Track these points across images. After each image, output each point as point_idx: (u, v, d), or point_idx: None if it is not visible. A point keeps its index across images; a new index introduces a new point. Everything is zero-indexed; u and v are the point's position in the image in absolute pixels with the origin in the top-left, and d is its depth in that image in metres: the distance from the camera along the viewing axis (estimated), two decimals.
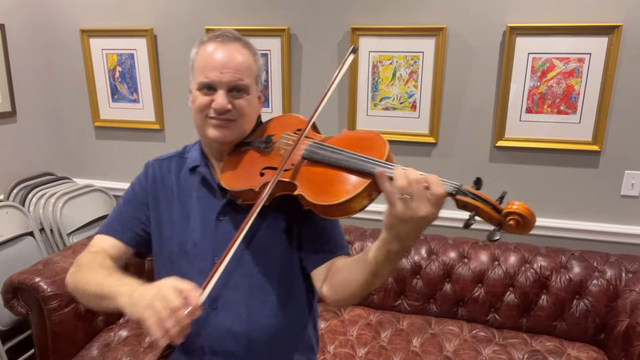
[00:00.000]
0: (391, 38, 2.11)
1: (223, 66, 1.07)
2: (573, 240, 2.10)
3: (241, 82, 1.08)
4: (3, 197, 2.45)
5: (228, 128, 1.10)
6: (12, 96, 2.47)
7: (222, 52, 1.08)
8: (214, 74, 1.06)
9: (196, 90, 1.10)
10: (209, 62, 1.07)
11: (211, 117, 1.09)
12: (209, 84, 1.07)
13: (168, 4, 2.38)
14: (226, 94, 1.07)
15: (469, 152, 2.16)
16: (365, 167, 0.91)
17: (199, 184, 1.17)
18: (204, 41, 1.12)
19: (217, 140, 1.11)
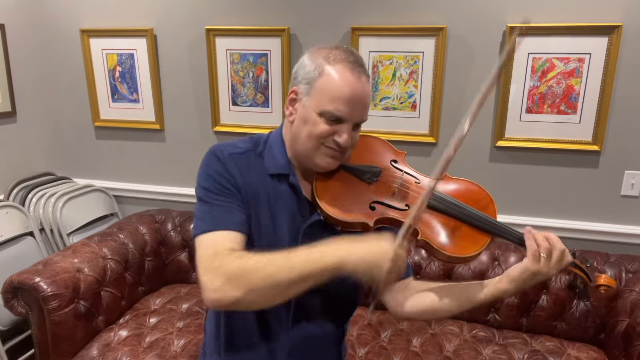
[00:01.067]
0: (391, 38, 2.11)
1: (359, 101, 1.02)
2: (573, 240, 2.10)
3: (365, 118, 1.06)
4: (3, 197, 2.45)
5: (340, 159, 1.08)
6: (12, 96, 2.47)
7: (358, 88, 1.01)
8: (348, 110, 1.00)
9: (317, 115, 1.01)
10: (344, 95, 1.00)
11: (329, 147, 1.04)
12: (339, 117, 1.01)
13: (168, 4, 2.38)
14: (351, 130, 1.04)
15: (469, 152, 2.16)
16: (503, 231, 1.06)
17: (286, 192, 1.09)
18: (333, 60, 1.02)
19: (326, 168, 1.08)
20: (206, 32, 2.31)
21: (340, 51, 1.03)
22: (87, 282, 1.89)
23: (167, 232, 2.37)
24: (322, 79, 1.00)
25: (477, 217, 1.06)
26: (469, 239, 1.04)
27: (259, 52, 2.29)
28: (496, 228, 1.06)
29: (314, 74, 1.01)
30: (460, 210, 1.08)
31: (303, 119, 1.04)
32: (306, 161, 1.08)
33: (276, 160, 1.10)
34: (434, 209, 1.08)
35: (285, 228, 1.08)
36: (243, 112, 2.40)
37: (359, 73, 1.01)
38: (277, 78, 2.30)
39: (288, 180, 1.09)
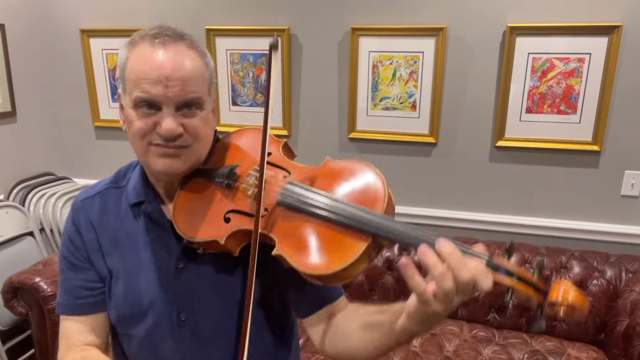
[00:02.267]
0: (391, 38, 2.11)
1: (167, 77, 0.79)
2: (573, 240, 2.10)
3: (193, 95, 0.82)
4: (3, 197, 2.45)
5: (180, 157, 0.84)
6: (12, 96, 2.47)
7: (164, 57, 0.79)
8: (157, 88, 0.79)
9: (130, 108, 0.82)
10: (148, 72, 0.79)
11: (156, 144, 0.82)
12: (149, 100, 0.79)
13: (168, 4, 2.38)
14: (175, 114, 0.81)
15: (469, 152, 2.16)
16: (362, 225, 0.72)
17: (146, 224, 0.92)
18: (135, 40, 0.83)
19: (165, 172, 0.85)
20: (206, 32, 2.31)
21: (147, 29, 0.84)
22: None
23: None
24: (127, 67, 0.82)
25: (349, 213, 0.73)
26: (339, 246, 0.73)
27: (259, 52, 2.29)
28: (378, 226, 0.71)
29: (123, 64, 0.83)
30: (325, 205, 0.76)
31: (127, 121, 0.85)
32: (148, 170, 0.91)
33: (134, 187, 0.94)
34: (292, 209, 0.79)
35: (150, 268, 0.91)
36: (243, 112, 2.40)
37: (162, 43, 0.80)
38: (277, 78, 2.30)
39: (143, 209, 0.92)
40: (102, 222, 0.95)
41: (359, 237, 0.72)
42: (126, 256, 0.93)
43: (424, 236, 0.71)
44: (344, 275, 0.72)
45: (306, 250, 0.75)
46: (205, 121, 0.86)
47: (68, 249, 0.97)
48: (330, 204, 0.76)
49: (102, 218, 0.95)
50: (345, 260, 0.71)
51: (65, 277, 0.97)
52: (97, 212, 0.96)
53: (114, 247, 0.94)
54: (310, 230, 0.76)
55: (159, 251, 0.91)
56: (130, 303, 0.92)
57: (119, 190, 0.97)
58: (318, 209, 0.76)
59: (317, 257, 0.74)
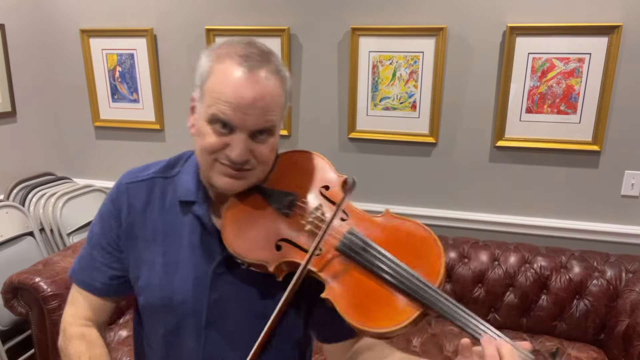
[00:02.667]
0: (391, 38, 2.11)
1: (248, 106, 0.79)
2: (573, 240, 2.10)
3: (268, 124, 0.83)
4: (3, 197, 2.45)
5: (242, 179, 0.86)
6: (12, 96, 2.47)
7: (249, 87, 0.79)
8: (236, 114, 0.79)
9: (205, 121, 0.83)
10: (230, 96, 0.79)
11: (223, 163, 0.84)
12: (226, 122, 0.81)
13: (168, 4, 2.38)
14: (246, 140, 0.82)
15: (469, 152, 2.16)
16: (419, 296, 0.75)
17: (192, 223, 0.93)
18: (221, 55, 0.83)
19: (226, 190, 0.88)
20: (206, 32, 2.31)
21: (235, 44, 0.84)
22: None
23: None
24: (209, 80, 0.82)
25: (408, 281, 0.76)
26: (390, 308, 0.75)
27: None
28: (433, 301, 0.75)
29: (205, 75, 0.84)
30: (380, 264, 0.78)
31: (198, 130, 0.86)
32: (208, 182, 0.91)
33: (186, 185, 0.94)
34: (351, 258, 0.81)
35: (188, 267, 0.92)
36: None
37: (250, 68, 0.80)
38: None
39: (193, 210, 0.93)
40: (146, 211, 0.95)
41: (412, 305, 0.74)
42: (167, 249, 0.93)
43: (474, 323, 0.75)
44: (388, 336, 0.75)
45: (356, 302, 0.77)
46: (273, 146, 0.87)
47: (102, 228, 0.98)
48: (391, 265, 0.78)
49: (146, 207, 0.95)
50: (395, 324, 0.73)
51: (89, 252, 0.99)
52: (142, 200, 0.96)
53: (154, 237, 0.94)
54: (365, 283, 0.78)
55: (201, 253, 0.92)
56: (162, 295, 0.93)
57: (167, 180, 0.97)
58: (377, 268, 0.78)
59: (367, 312, 0.76)
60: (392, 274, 0.77)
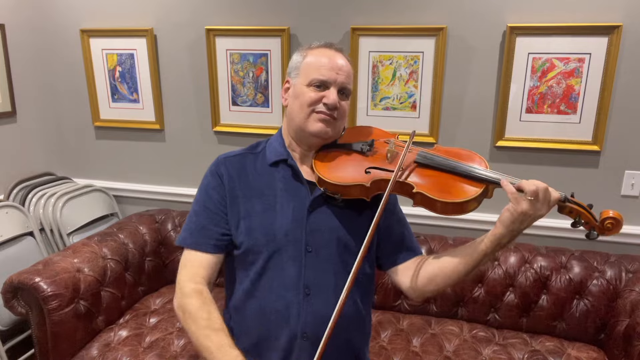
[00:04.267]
0: (391, 38, 2.11)
1: (339, 68, 1.19)
2: (573, 240, 2.10)
3: (349, 85, 1.22)
4: (3, 197, 2.45)
5: (331, 124, 1.20)
6: (12, 96, 2.47)
7: (337, 57, 1.21)
8: (331, 73, 1.18)
9: (305, 86, 1.19)
10: (326, 63, 1.19)
11: (319, 111, 1.18)
12: (324, 81, 1.18)
13: (168, 4, 2.38)
14: (336, 93, 1.18)
15: None
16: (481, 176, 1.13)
17: (283, 176, 1.23)
18: (312, 48, 1.24)
19: (319, 134, 1.20)
20: (206, 32, 2.31)
21: (322, 42, 1.26)
22: (87, 282, 1.89)
23: (167, 232, 2.37)
24: (306, 61, 1.22)
25: (466, 168, 1.15)
26: (462, 187, 1.12)
27: (259, 52, 2.29)
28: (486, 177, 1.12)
29: (300, 60, 1.23)
30: (449, 163, 1.17)
31: (295, 95, 1.21)
32: (302, 134, 1.22)
33: (275, 150, 1.26)
34: (425, 165, 1.19)
35: (286, 207, 1.20)
36: (243, 112, 2.40)
37: (335, 50, 1.23)
38: (277, 78, 2.30)
39: (287, 164, 1.24)
40: (242, 175, 1.24)
41: (476, 184, 1.13)
42: (264, 200, 1.21)
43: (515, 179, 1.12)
44: (464, 207, 1.10)
45: (441, 188, 1.12)
46: (347, 107, 1.25)
47: (207, 194, 1.24)
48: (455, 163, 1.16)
49: (241, 172, 1.24)
50: (470, 195, 1.10)
51: (197, 218, 1.23)
52: (238, 168, 1.25)
53: (252, 194, 1.22)
54: (443, 177, 1.16)
55: (294, 197, 1.21)
56: (266, 232, 1.18)
57: (255, 155, 1.28)
58: (447, 166, 1.16)
59: (450, 192, 1.11)
60: (459, 167, 1.15)
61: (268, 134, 2.33)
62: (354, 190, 1.16)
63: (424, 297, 1.26)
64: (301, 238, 1.18)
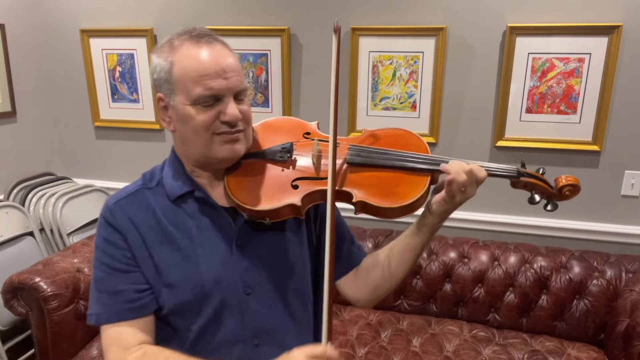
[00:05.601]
0: (391, 38, 2.11)
1: (224, 70, 0.89)
2: (573, 240, 2.10)
3: (244, 85, 0.94)
4: (3, 197, 2.45)
5: (240, 141, 0.94)
6: (12, 96, 2.47)
7: (215, 53, 0.90)
8: (218, 81, 0.88)
9: (190, 106, 0.89)
10: (207, 69, 0.88)
11: (220, 133, 0.91)
12: (213, 95, 0.89)
13: (168, 4, 2.38)
14: (233, 102, 0.91)
15: (469, 152, 2.16)
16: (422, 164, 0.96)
17: (195, 212, 0.97)
18: (174, 47, 0.91)
19: (229, 158, 0.95)
20: None
21: (180, 34, 0.93)
22: (87, 282, 1.89)
23: None
24: (175, 70, 0.90)
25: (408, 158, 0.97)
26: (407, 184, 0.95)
27: (259, 52, 2.29)
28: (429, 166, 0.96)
29: (167, 69, 0.91)
30: (386, 157, 0.98)
31: (181, 119, 0.92)
32: (207, 161, 0.97)
33: (175, 182, 0.99)
34: (358, 164, 0.98)
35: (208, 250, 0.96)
36: None
37: (207, 43, 0.91)
38: (277, 78, 2.30)
39: (195, 196, 0.98)
40: (143, 220, 0.96)
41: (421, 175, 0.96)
42: (179, 246, 0.96)
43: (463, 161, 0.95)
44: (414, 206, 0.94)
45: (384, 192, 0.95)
46: (249, 106, 0.97)
47: (107, 254, 0.96)
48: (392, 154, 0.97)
49: (142, 215, 0.97)
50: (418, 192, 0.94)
51: (105, 284, 0.96)
52: (135, 211, 0.97)
53: (161, 240, 0.96)
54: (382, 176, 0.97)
55: (215, 233, 0.97)
56: (193, 287, 0.95)
57: (151, 190, 1.00)
58: (384, 160, 0.97)
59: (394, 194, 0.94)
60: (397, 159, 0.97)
61: None
62: (283, 211, 0.95)
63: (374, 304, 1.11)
64: (236, 281, 0.96)
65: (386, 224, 2.25)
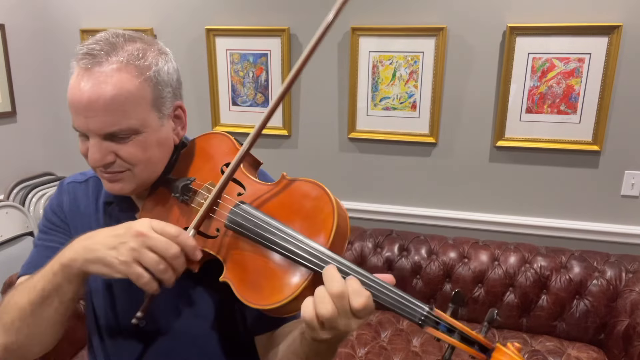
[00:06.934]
0: (391, 38, 2.11)
1: (86, 108, 0.74)
2: (573, 240, 2.10)
3: (117, 127, 0.75)
4: (3, 197, 2.45)
5: (119, 181, 0.81)
6: (12, 96, 2.47)
7: (84, 87, 0.74)
8: (79, 119, 0.76)
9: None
10: (71, 101, 0.76)
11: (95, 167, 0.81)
12: (77, 129, 0.78)
13: (168, 4, 2.38)
14: (101, 143, 0.77)
15: (469, 152, 2.16)
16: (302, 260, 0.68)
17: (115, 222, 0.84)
18: (75, 57, 0.78)
19: (112, 193, 0.85)
20: (206, 32, 2.31)
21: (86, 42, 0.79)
22: None
23: None
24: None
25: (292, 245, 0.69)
26: (277, 279, 0.70)
27: (259, 52, 2.29)
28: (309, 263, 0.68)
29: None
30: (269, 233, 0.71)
31: None
32: None
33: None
34: (239, 233, 0.75)
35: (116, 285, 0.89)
36: (243, 112, 2.40)
37: (86, 69, 0.75)
38: (277, 78, 2.30)
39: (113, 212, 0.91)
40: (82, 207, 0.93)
41: (301, 271, 0.69)
42: None
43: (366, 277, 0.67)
44: (286, 310, 0.69)
45: (250, 282, 0.72)
46: (145, 144, 0.79)
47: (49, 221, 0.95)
48: (277, 234, 0.71)
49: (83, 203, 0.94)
50: (286, 296, 0.68)
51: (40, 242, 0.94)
52: (80, 197, 0.94)
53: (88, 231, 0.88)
54: (256, 260, 0.73)
55: None
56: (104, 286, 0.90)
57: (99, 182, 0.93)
58: (263, 239, 0.72)
59: (259, 290, 0.71)
60: (279, 244, 0.70)
61: (268, 134, 2.33)
62: None
63: None
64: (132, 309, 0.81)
65: (387, 224, 2.25)
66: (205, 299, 0.86)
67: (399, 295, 0.65)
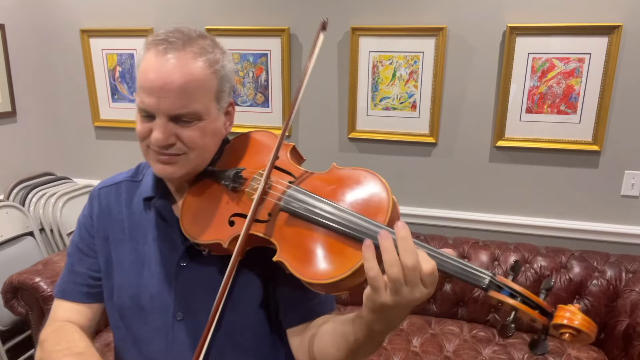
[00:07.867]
0: (391, 38, 2.11)
1: (160, 89, 0.79)
2: (573, 240, 2.10)
3: (185, 110, 0.81)
4: (3, 197, 2.45)
5: (173, 164, 0.85)
6: (12, 96, 2.47)
7: (160, 69, 0.80)
8: (150, 99, 0.80)
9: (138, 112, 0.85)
10: (145, 81, 0.81)
11: (152, 148, 0.85)
12: (144, 109, 0.82)
13: (168, 4, 2.38)
14: (167, 124, 0.81)
15: (469, 152, 2.16)
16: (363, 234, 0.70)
17: (155, 219, 0.93)
18: (148, 44, 0.84)
19: (162, 177, 0.90)
20: (206, 32, 2.31)
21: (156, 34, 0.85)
22: None
23: None
24: (140, 67, 0.85)
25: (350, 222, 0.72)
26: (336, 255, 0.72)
27: (259, 52, 2.29)
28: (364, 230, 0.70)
29: (138, 66, 0.87)
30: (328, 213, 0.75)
31: None
32: None
33: (146, 183, 0.96)
34: (291, 214, 0.78)
35: (154, 263, 0.91)
36: (243, 112, 2.40)
37: (165, 52, 0.80)
38: (277, 78, 2.30)
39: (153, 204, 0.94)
40: (115, 212, 0.97)
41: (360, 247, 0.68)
42: (133, 248, 0.94)
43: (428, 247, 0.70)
44: (343, 286, 0.71)
45: (306, 259, 0.74)
46: (204, 131, 0.84)
47: (79, 235, 1.00)
48: (333, 211, 0.74)
49: (115, 208, 0.97)
50: (345, 270, 0.69)
51: (69, 265, 1.00)
52: (112, 202, 0.98)
53: (123, 237, 0.95)
54: (312, 238, 0.75)
55: (165, 246, 0.92)
56: (132, 294, 0.93)
57: (135, 184, 0.99)
58: (319, 217, 0.75)
59: (317, 266, 0.72)
60: (335, 220, 0.73)
61: None
62: (215, 247, 0.85)
63: None
64: (168, 303, 0.90)
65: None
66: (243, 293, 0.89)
67: (463, 264, 0.67)
